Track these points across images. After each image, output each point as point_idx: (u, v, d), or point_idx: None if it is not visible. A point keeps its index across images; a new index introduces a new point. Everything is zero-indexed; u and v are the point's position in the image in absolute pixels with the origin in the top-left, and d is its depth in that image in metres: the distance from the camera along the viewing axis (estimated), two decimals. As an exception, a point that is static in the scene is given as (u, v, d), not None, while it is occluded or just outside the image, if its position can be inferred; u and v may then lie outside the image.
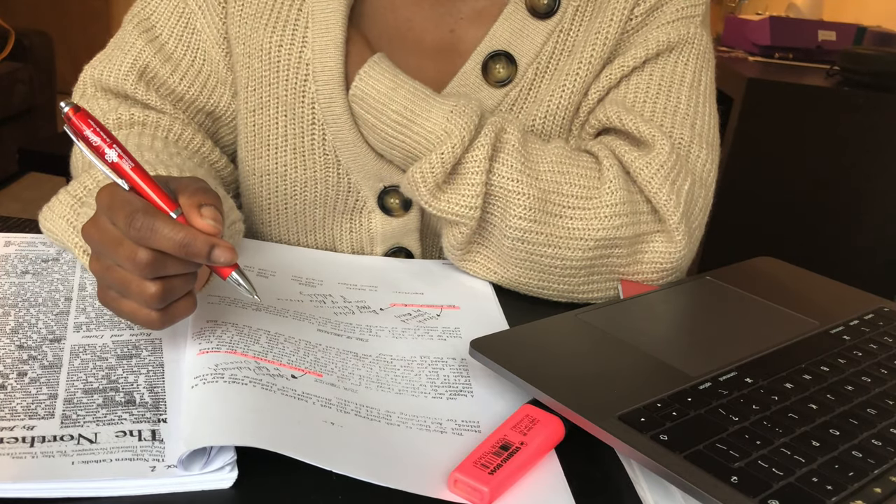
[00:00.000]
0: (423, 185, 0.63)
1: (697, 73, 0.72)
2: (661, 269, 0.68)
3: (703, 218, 0.71)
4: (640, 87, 0.70)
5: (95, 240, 0.49)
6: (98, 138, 0.48)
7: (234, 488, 0.42)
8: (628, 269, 0.67)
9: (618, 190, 0.64)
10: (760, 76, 1.68)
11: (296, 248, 0.74)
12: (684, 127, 0.69)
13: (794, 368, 0.54)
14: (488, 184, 0.64)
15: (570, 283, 0.67)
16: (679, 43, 0.71)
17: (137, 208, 0.46)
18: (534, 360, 0.53)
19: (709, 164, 0.70)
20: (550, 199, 0.64)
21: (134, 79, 0.71)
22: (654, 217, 0.67)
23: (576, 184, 0.65)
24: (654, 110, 0.70)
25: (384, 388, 0.52)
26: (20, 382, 0.49)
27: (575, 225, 0.64)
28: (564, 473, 0.46)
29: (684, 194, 0.66)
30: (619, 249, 0.66)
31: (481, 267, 0.69)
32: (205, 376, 0.47)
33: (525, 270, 0.66)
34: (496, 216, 0.65)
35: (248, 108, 0.72)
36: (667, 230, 0.67)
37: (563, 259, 0.65)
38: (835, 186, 1.66)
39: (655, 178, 0.65)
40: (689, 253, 0.68)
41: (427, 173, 0.63)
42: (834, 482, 0.42)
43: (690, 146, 0.69)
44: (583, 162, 0.66)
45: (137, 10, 0.74)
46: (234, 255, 0.48)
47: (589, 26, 0.70)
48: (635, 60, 0.70)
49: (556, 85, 0.71)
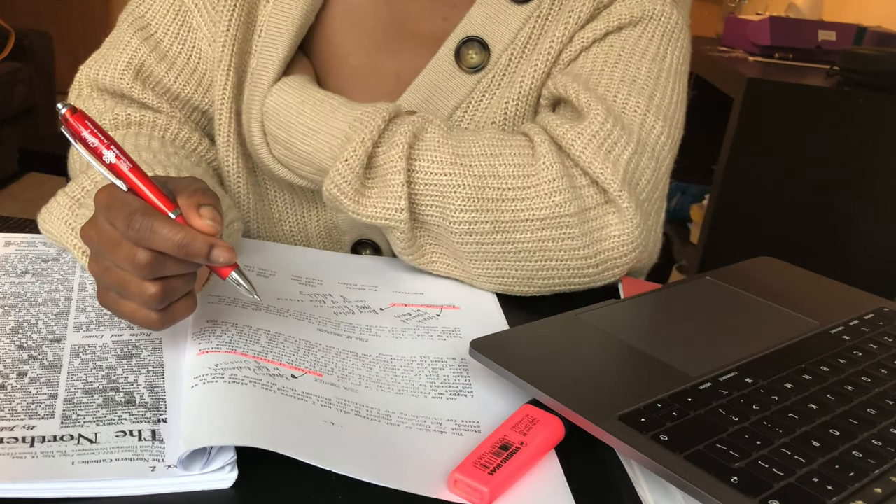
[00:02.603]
0: (342, 195, 0.63)
1: (662, 49, 0.70)
2: (624, 245, 0.64)
3: (653, 191, 0.67)
4: (599, 56, 0.69)
5: (94, 241, 0.49)
6: (95, 139, 0.48)
7: (234, 488, 0.42)
8: (587, 250, 0.64)
9: (553, 164, 0.62)
10: (760, 76, 1.68)
11: (295, 247, 0.74)
12: (641, 96, 0.67)
13: (794, 368, 0.54)
14: (417, 183, 0.63)
15: (526, 269, 0.65)
16: (644, 17, 0.70)
17: (136, 209, 0.46)
18: (534, 360, 0.53)
19: (663, 138, 0.67)
20: (488, 185, 0.63)
21: (130, 78, 0.71)
22: (596, 189, 0.64)
23: (510, 163, 0.63)
24: (611, 79, 0.68)
25: (384, 387, 0.52)
26: (20, 382, 0.49)
27: (518, 206, 0.63)
28: (564, 473, 0.46)
29: (623, 162, 0.64)
30: (570, 229, 0.63)
31: (441, 265, 0.67)
32: (205, 376, 0.47)
33: (480, 262, 0.65)
34: (436, 215, 0.64)
35: (229, 110, 0.72)
36: (613, 202, 0.64)
37: (514, 244, 0.63)
38: (835, 186, 1.66)
39: (588, 148, 0.63)
40: (644, 224, 0.65)
41: (340, 182, 0.62)
42: (834, 482, 0.42)
43: (646, 116, 0.66)
44: (515, 142, 0.64)
45: (132, 8, 0.74)
46: (234, 255, 0.48)
47: (564, 5, 0.70)
48: (595, 33, 0.69)
49: (529, 66, 0.70)
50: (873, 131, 1.62)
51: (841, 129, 1.63)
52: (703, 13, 2.48)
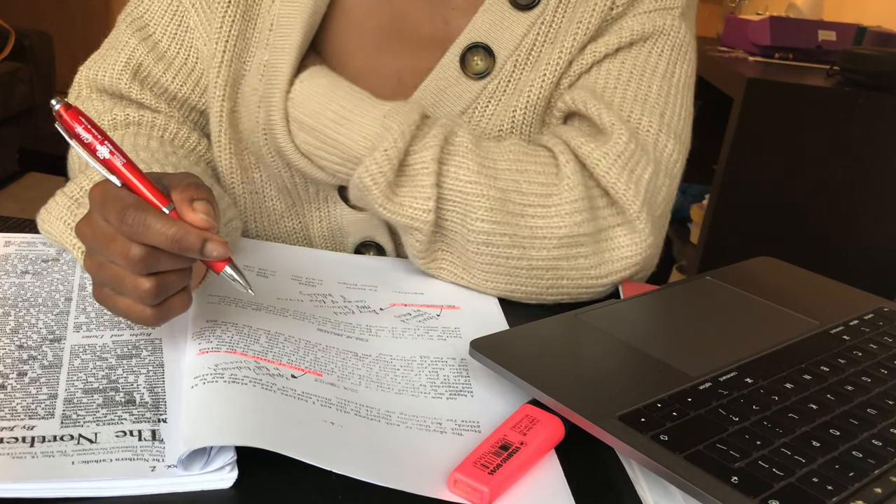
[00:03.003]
0: (375, 186, 0.62)
1: (671, 65, 0.71)
2: (631, 264, 0.66)
3: (668, 207, 0.70)
4: (612, 73, 0.70)
5: (88, 237, 0.49)
6: (89, 135, 0.48)
7: (234, 488, 0.42)
8: (597, 270, 0.66)
9: (576, 186, 0.63)
10: (760, 76, 1.68)
11: (295, 247, 0.74)
12: (653, 115, 0.68)
13: (794, 368, 0.54)
14: (444, 187, 0.63)
15: (537, 286, 0.66)
16: (654, 33, 0.70)
17: (129, 204, 0.46)
18: (534, 360, 0.53)
19: (675, 155, 0.69)
20: (511, 199, 0.63)
21: (128, 78, 0.71)
22: (612, 210, 0.66)
23: (534, 181, 0.64)
24: (624, 97, 0.69)
25: (384, 387, 0.52)
26: (20, 382, 0.49)
27: (537, 223, 0.63)
28: (564, 473, 0.46)
29: (644, 183, 0.65)
30: (583, 248, 0.64)
31: (448, 273, 0.67)
32: (205, 376, 0.47)
33: (491, 275, 0.65)
34: (456, 222, 0.64)
35: (224, 108, 0.71)
36: (628, 221, 0.65)
37: (529, 260, 0.64)
38: (835, 186, 1.66)
39: (612, 168, 0.64)
40: (655, 242, 0.67)
41: (376, 173, 0.62)
42: (834, 482, 0.42)
43: (658, 135, 0.68)
44: (540, 158, 0.65)
45: (131, 9, 0.74)
46: (227, 250, 0.48)
47: (571, 16, 0.70)
48: (607, 47, 0.69)
49: (536, 75, 0.70)
50: (873, 131, 1.62)
51: (841, 129, 1.63)
52: (703, 13, 2.47)
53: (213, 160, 0.75)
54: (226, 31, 0.70)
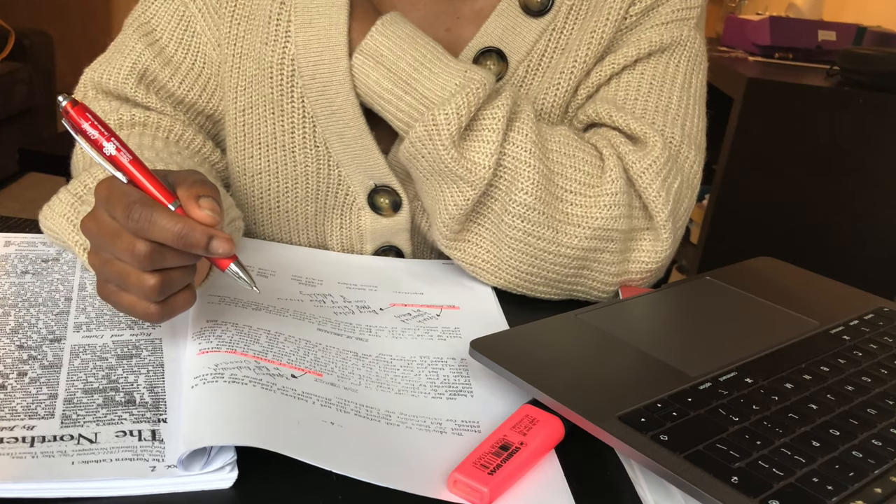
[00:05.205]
0: (447, 127, 0.61)
1: (689, 76, 0.72)
2: (646, 270, 0.68)
3: (687, 219, 0.71)
4: (632, 85, 0.70)
5: (94, 233, 0.49)
6: (96, 132, 0.48)
7: (234, 488, 0.42)
8: (618, 267, 0.67)
9: (618, 179, 0.64)
10: (760, 76, 1.68)
11: (295, 247, 0.74)
12: (675, 127, 0.69)
13: (794, 368, 0.54)
14: (501, 153, 0.63)
15: (558, 273, 0.66)
16: (672, 44, 0.71)
17: (135, 200, 0.46)
18: (534, 360, 0.53)
19: (696, 167, 0.70)
20: (555, 181, 0.64)
21: (134, 82, 0.71)
22: (644, 213, 0.67)
23: (580, 169, 0.65)
24: (646, 109, 0.69)
25: (384, 387, 0.52)
26: (20, 382, 0.49)
27: (574, 211, 0.64)
28: (564, 473, 0.46)
29: (673, 192, 0.67)
30: (612, 244, 0.65)
31: (469, 254, 0.67)
32: (205, 376, 0.47)
33: (517, 252, 0.65)
34: (502, 189, 0.64)
35: (237, 108, 0.72)
36: (654, 228, 0.67)
37: (559, 245, 0.64)
38: (835, 186, 1.66)
39: (647, 173, 0.65)
40: (672, 252, 0.69)
41: (452, 115, 0.61)
42: (834, 482, 0.42)
43: (681, 146, 0.69)
44: (588, 148, 0.66)
45: (138, 13, 0.74)
46: (233, 247, 0.48)
47: (584, 25, 0.70)
48: (626, 59, 0.70)
49: (550, 83, 0.71)
50: (873, 131, 1.62)
51: (841, 129, 1.63)
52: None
53: (217, 163, 0.75)
54: (234, 34, 0.70)
